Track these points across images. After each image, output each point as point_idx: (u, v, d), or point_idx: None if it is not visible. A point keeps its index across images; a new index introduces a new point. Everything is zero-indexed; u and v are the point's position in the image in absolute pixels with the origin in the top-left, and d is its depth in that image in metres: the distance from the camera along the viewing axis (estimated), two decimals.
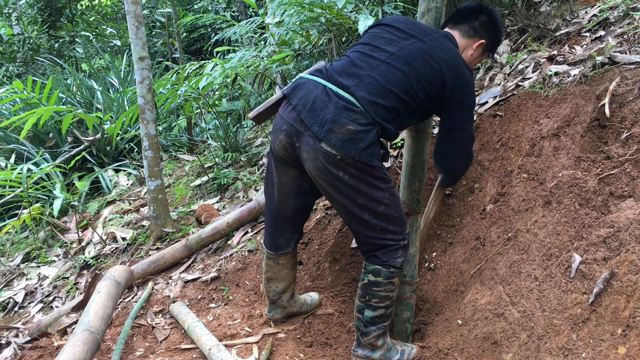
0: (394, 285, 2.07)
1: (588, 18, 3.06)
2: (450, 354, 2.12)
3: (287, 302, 2.47)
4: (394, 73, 1.90)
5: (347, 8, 3.07)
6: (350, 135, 1.86)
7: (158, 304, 2.79)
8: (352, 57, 2.00)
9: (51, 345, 2.49)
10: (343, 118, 1.86)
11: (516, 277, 2.08)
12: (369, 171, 1.92)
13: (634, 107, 2.07)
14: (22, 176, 3.77)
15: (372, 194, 1.95)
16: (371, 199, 1.96)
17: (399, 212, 2.03)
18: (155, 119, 3.39)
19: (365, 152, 1.88)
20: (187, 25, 8.18)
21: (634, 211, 1.78)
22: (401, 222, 2.04)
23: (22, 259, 3.86)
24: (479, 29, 2.12)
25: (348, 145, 1.86)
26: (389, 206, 1.98)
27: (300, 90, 1.97)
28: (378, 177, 1.95)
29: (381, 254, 2.03)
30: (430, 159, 2.43)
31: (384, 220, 1.99)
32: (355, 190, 1.94)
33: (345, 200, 1.98)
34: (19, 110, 5.05)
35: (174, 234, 3.44)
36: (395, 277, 2.05)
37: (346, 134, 1.86)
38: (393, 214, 2.00)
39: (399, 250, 2.04)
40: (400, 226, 2.03)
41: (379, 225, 1.99)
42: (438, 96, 1.97)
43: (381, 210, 1.97)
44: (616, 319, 1.61)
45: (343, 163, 1.89)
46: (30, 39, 8.01)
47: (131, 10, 3.29)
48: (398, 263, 2.03)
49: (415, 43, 1.95)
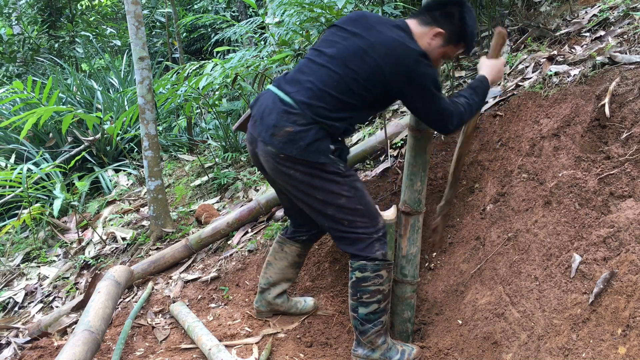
0: (382, 279, 2.08)
1: (588, 18, 3.06)
2: (450, 354, 2.12)
3: (274, 299, 2.49)
4: (331, 76, 1.97)
5: (347, 8, 3.07)
6: (289, 137, 1.97)
7: (158, 304, 2.78)
8: (301, 63, 2.11)
9: (51, 345, 2.49)
10: (283, 121, 1.97)
11: (516, 277, 2.08)
12: (317, 167, 2.00)
13: (634, 107, 2.07)
14: (22, 176, 3.77)
15: (327, 187, 2.01)
16: (329, 192, 2.02)
17: (364, 205, 2.05)
18: (155, 119, 3.39)
19: (308, 150, 1.96)
20: (187, 25, 8.17)
21: (634, 211, 1.78)
22: (370, 215, 2.06)
23: (22, 259, 3.86)
24: (438, 17, 2.07)
25: (288, 146, 1.97)
26: (350, 199, 2.03)
27: (258, 102, 2.11)
28: (330, 171, 2.01)
29: (359, 250, 2.06)
30: (432, 159, 2.43)
31: (349, 214, 2.03)
32: (310, 186, 2.03)
33: (305, 197, 2.07)
34: (19, 110, 5.05)
35: (174, 234, 3.44)
36: (381, 269, 2.07)
37: (285, 135, 1.97)
38: (357, 207, 2.03)
39: (375, 243, 2.06)
40: (370, 219, 2.06)
41: (345, 218, 2.04)
42: (382, 90, 1.99)
43: (342, 203, 2.02)
44: (616, 319, 1.61)
45: (289, 162, 2.00)
46: (30, 39, 8.01)
47: (131, 10, 3.29)
48: (379, 255, 2.05)
49: (355, 42, 1.99)
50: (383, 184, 2.94)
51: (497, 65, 2.22)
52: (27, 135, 4.94)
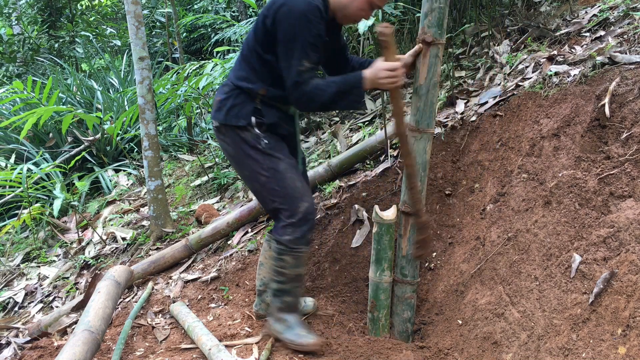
0: (284, 262, 2.14)
1: (588, 18, 3.06)
2: (450, 354, 2.12)
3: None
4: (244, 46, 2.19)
5: None
6: (218, 105, 2.19)
7: (158, 304, 2.78)
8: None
9: (51, 345, 2.49)
10: (218, 94, 2.22)
11: (516, 277, 2.08)
12: (239, 134, 2.12)
13: (634, 107, 2.07)
14: (22, 176, 3.77)
15: (249, 164, 2.14)
16: (251, 170, 2.15)
17: (282, 187, 2.10)
18: (155, 119, 3.39)
19: (229, 114, 2.13)
20: (187, 25, 8.17)
21: (634, 211, 1.78)
22: (288, 199, 2.10)
23: (22, 259, 3.86)
24: None
25: (218, 114, 2.18)
26: (269, 179, 2.11)
27: None
28: (252, 145, 2.11)
29: (274, 229, 2.17)
30: (432, 160, 2.43)
31: (269, 194, 2.13)
32: (237, 160, 2.20)
33: (238, 172, 2.26)
34: (19, 110, 5.05)
35: (174, 234, 3.44)
36: (284, 254, 2.12)
37: (216, 105, 2.20)
38: (275, 188, 2.10)
39: (288, 228, 2.10)
40: (289, 203, 2.10)
41: (266, 197, 2.15)
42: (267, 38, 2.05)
43: (262, 181, 2.13)
44: (616, 319, 1.61)
45: (219, 132, 2.20)
46: (30, 39, 8.01)
47: (131, 10, 3.29)
48: (284, 240, 2.10)
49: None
50: (383, 184, 2.94)
51: (383, 66, 2.01)
52: (27, 135, 4.94)
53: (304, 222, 2.10)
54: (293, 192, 2.09)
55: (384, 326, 2.38)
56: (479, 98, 2.97)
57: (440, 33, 2.12)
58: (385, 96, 3.33)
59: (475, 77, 3.34)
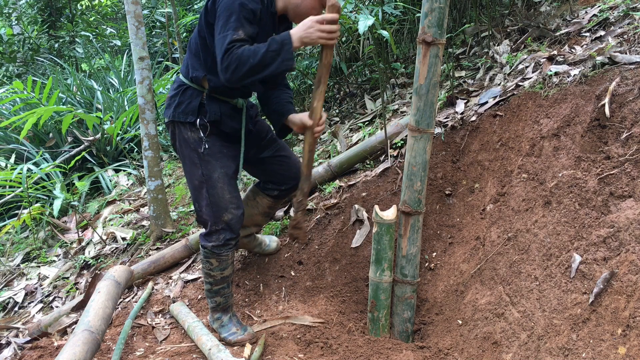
0: (212, 265, 2.24)
1: (588, 18, 3.06)
2: (450, 354, 2.12)
3: (242, 238, 2.63)
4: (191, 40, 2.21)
5: (347, 8, 3.07)
6: (168, 102, 2.24)
7: (158, 304, 2.79)
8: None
9: (51, 345, 2.49)
10: (169, 92, 2.26)
11: (516, 277, 2.08)
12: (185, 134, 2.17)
13: (634, 107, 2.07)
14: (22, 176, 3.77)
15: (188, 166, 2.22)
16: (189, 171, 2.22)
17: (211, 195, 2.17)
18: (155, 119, 3.39)
19: (177, 110, 2.18)
20: (187, 25, 8.16)
21: (634, 211, 1.78)
22: (214, 207, 2.17)
23: (22, 259, 3.86)
24: None
25: (167, 111, 2.22)
26: (201, 184, 2.18)
27: None
28: (193, 148, 2.17)
29: (202, 234, 2.24)
30: (432, 160, 2.43)
31: (198, 198, 2.20)
32: (182, 159, 2.25)
33: (183, 166, 2.30)
34: (19, 110, 5.05)
35: (174, 234, 3.44)
36: (210, 257, 2.23)
37: (166, 102, 2.25)
38: (204, 194, 2.18)
39: (212, 235, 2.20)
40: (213, 212, 2.17)
41: (197, 199, 2.21)
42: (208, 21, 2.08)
43: (196, 185, 2.20)
44: (616, 319, 1.61)
45: (169, 129, 2.25)
46: (30, 39, 8.01)
47: (131, 10, 3.29)
48: (209, 246, 2.20)
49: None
50: (383, 184, 2.94)
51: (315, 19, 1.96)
52: (27, 135, 4.94)
53: (225, 231, 2.20)
54: (219, 202, 2.17)
55: (384, 326, 2.38)
56: (479, 98, 2.97)
57: (440, 33, 2.12)
58: (385, 96, 3.33)
59: (475, 77, 3.34)
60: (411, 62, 3.99)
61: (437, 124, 2.93)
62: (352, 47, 4.17)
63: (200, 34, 2.14)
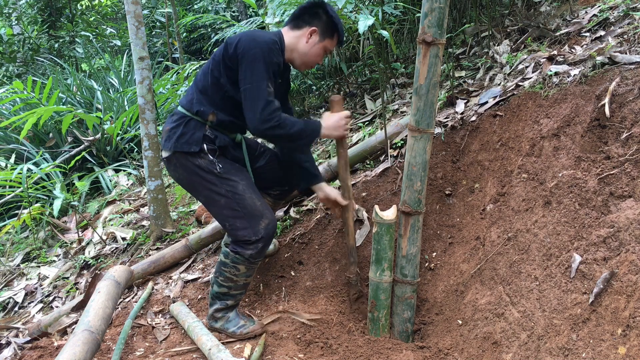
0: (239, 271, 2.27)
1: (588, 18, 3.06)
2: (450, 354, 2.12)
3: None
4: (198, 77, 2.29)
5: (347, 8, 3.07)
6: (167, 134, 2.25)
7: (158, 304, 2.79)
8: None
9: (51, 345, 2.49)
10: (166, 124, 2.29)
11: (516, 277, 2.08)
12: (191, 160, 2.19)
13: (634, 107, 2.07)
14: (22, 176, 3.77)
15: (206, 187, 2.22)
16: (207, 196, 2.24)
17: (243, 207, 2.19)
18: (155, 119, 3.39)
19: (179, 141, 2.20)
20: (187, 25, 8.16)
21: (634, 211, 1.78)
22: (249, 218, 2.20)
23: (22, 259, 3.86)
24: (308, 19, 2.27)
25: (167, 143, 2.24)
26: (229, 200, 2.20)
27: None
28: (206, 170, 2.19)
29: (235, 244, 2.24)
30: (432, 160, 2.44)
31: (229, 215, 2.21)
32: (192, 188, 2.29)
33: (196, 196, 2.36)
34: (19, 110, 5.05)
35: (174, 234, 3.44)
36: (241, 264, 2.25)
37: (165, 135, 2.26)
38: (236, 209, 2.20)
39: (250, 245, 2.22)
40: (249, 222, 2.20)
41: (227, 218, 2.22)
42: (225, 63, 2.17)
43: (222, 204, 2.21)
44: (616, 319, 1.61)
45: (170, 163, 2.26)
46: (30, 39, 8.01)
47: (131, 10, 3.29)
48: (246, 254, 2.23)
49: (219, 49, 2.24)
50: (383, 184, 2.94)
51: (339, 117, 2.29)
52: (27, 135, 4.94)
53: (265, 239, 2.23)
54: (253, 211, 2.21)
55: (384, 326, 2.38)
56: (479, 98, 2.97)
57: (440, 33, 2.12)
58: (385, 96, 3.33)
59: (475, 77, 3.34)
60: (411, 62, 3.99)
61: (437, 124, 2.93)
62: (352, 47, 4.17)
63: (213, 74, 2.21)
